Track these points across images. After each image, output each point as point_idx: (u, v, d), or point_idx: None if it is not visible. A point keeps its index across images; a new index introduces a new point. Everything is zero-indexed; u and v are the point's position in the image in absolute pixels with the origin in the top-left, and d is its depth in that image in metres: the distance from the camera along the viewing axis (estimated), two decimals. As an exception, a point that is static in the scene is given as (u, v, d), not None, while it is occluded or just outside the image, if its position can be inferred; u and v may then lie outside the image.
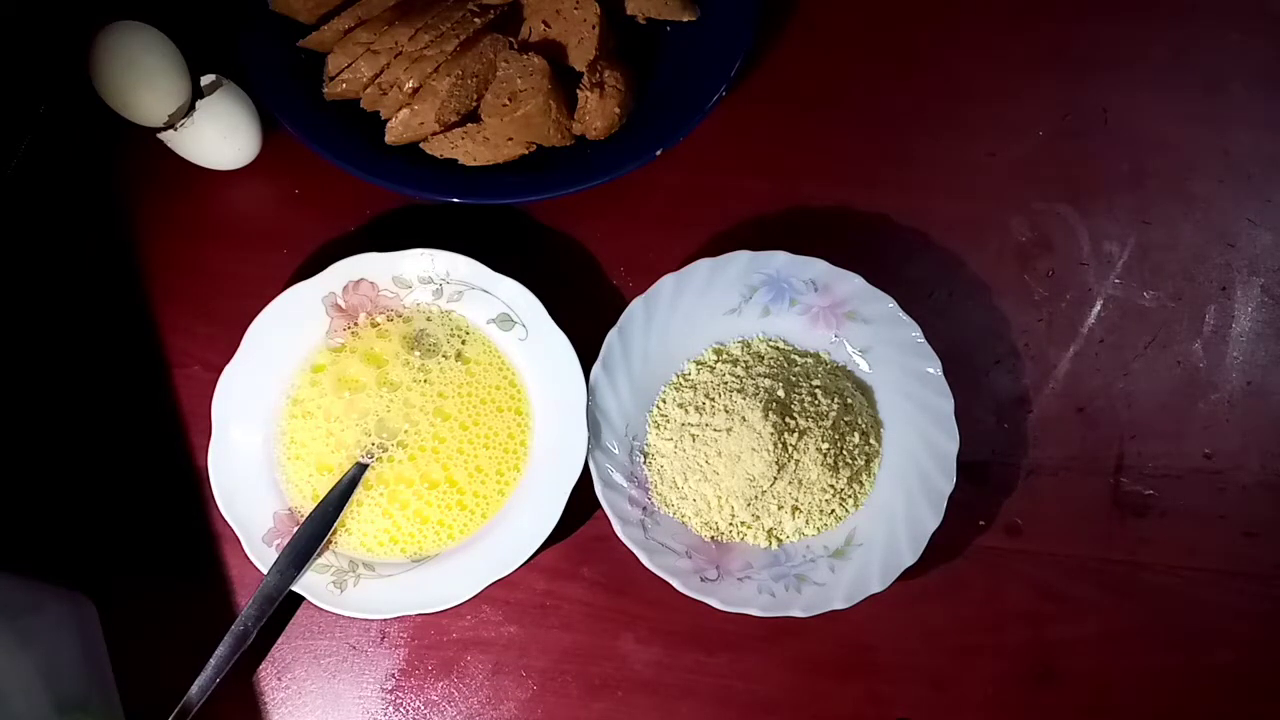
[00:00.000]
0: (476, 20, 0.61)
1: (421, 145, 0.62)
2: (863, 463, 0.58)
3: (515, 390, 0.59)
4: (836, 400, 0.58)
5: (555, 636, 0.58)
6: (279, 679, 0.57)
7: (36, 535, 0.58)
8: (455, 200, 0.59)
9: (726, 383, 0.58)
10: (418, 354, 0.59)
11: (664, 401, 0.59)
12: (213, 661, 0.54)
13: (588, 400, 0.57)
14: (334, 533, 0.56)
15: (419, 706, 0.57)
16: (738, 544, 0.57)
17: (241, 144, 0.62)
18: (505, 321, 0.59)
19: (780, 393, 0.57)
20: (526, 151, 0.61)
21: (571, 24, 0.61)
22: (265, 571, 0.55)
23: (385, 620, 0.57)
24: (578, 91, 0.61)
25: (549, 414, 0.58)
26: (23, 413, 0.60)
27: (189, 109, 0.60)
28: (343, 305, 0.59)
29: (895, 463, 0.58)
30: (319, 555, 0.56)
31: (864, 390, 0.60)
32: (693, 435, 0.57)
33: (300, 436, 0.58)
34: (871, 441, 0.58)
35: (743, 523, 0.57)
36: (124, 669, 0.55)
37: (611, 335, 0.58)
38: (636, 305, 0.58)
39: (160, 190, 0.64)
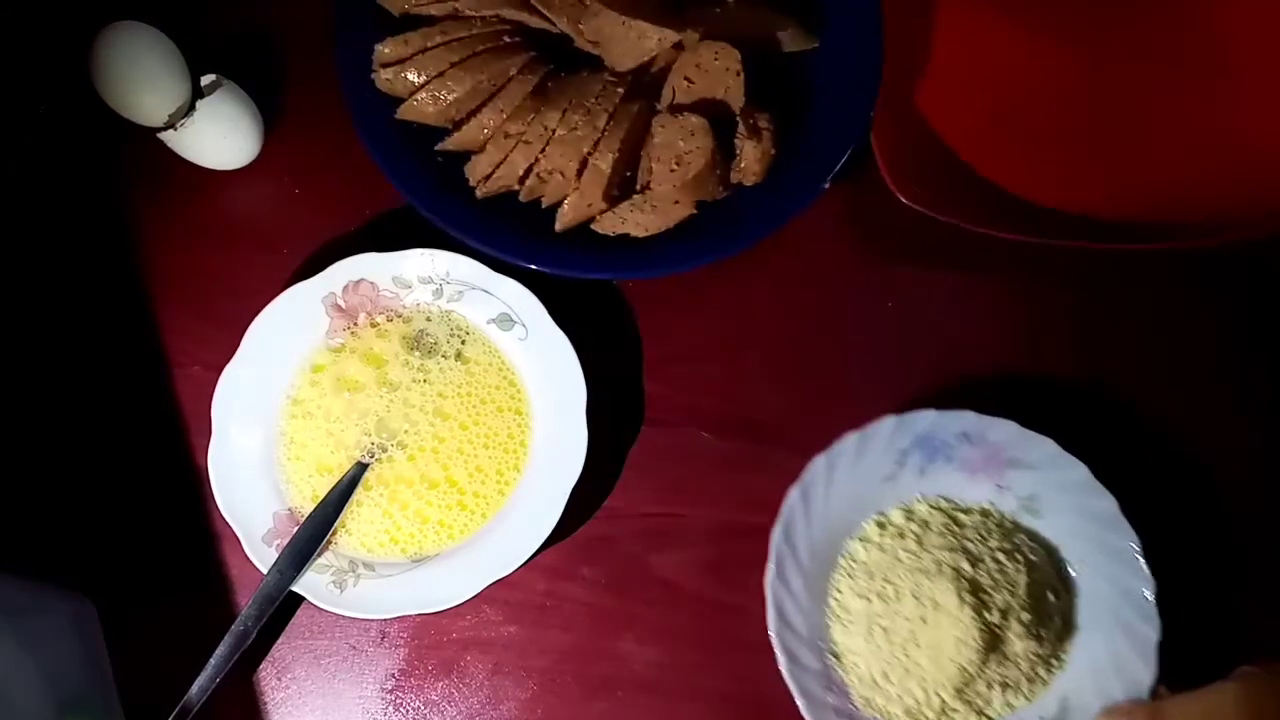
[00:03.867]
0: (619, 90, 0.60)
1: (592, 226, 0.61)
2: (1060, 621, 0.56)
3: (515, 390, 0.59)
4: (1022, 561, 0.56)
5: (555, 636, 0.58)
6: (279, 679, 0.57)
7: (36, 536, 0.58)
8: (653, 276, 0.60)
9: (902, 560, 0.56)
10: (417, 354, 0.59)
11: (839, 592, 0.57)
12: (213, 661, 0.54)
13: (776, 621, 0.55)
14: (334, 533, 0.56)
15: (419, 706, 0.57)
16: None
17: (241, 144, 0.62)
18: (505, 321, 0.59)
19: (965, 566, 0.55)
20: (694, 212, 0.60)
21: (714, 74, 0.60)
22: (265, 571, 0.55)
23: (385, 620, 0.58)
24: (735, 141, 0.60)
25: (549, 414, 0.58)
26: (23, 413, 0.60)
27: (189, 109, 0.60)
28: (343, 305, 0.59)
29: (1091, 615, 0.56)
30: (319, 555, 0.56)
31: (1039, 540, 0.58)
32: (883, 627, 0.55)
33: (300, 437, 0.58)
34: (1063, 595, 0.57)
35: (954, 710, 0.55)
36: (124, 669, 0.55)
37: (777, 536, 0.55)
38: (793, 496, 0.56)
39: (160, 190, 0.64)
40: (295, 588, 0.55)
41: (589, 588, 0.59)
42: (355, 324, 0.59)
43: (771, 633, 0.54)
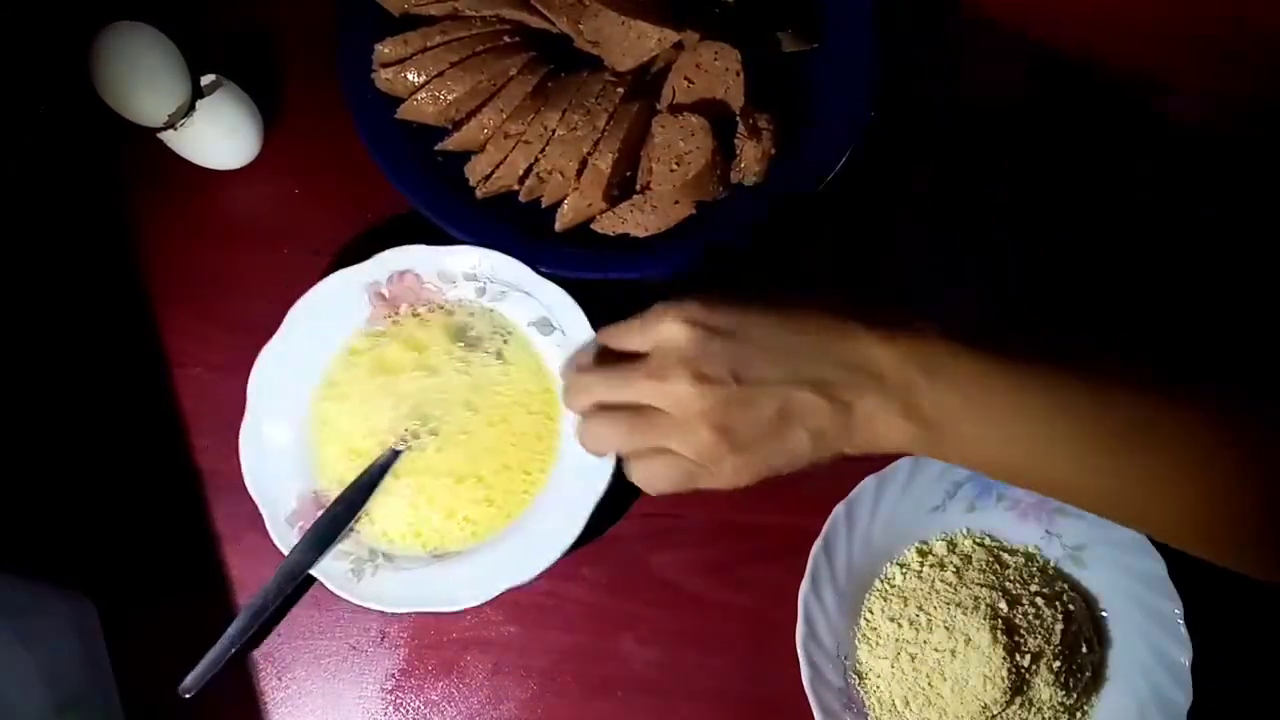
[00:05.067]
0: (619, 90, 0.60)
1: (592, 226, 0.61)
2: (1089, 674, 0.56)
3: (549, 395, 0.58)
4: (1060, 609, 0.55)
5: (555, 636, 0.58)
6: (279, 679, 0.57)
7: (36, 535, 0.58)
8: (653, 276, 0.59)
9: (938, 591, 0.56)
10: (461, 345, 0.58)
11: (871, 613, 0.57)
12: (229, 633, 0.54)
13: (804, 633, 0.55)
14: (358, 519, 0.56)
15: (419, 706, 0.57)
16: None
17: (241, 144, 0.62)
18: (545, 325, 0.58)
19: (1002, 605, 0.55)
20: (694, 212, 0.60)
21: (714, 75, 0.60)
22: (286, 552, 0.55)
23: (386, 619, 0.57)
24: (735, 141, 0.60)
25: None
26: (23, 413, 0.60)
27: (189, 109, 0.60)
28: (386, 294, 0.58)
29: (1122, 672, 0.56)
30: (340, 540, 0.55)
31: (1080, 590, 0.57)
32: (910, 655, 0.55)
33: (333, 419, 0.58)
34: (1097, 648, 0.56)
35: None
36: (124, 669, 0.55)
37: (817, 549, 0.55)
38: (839, 512, 0.56)
39: (160, 190, 0.64)
40: (314, 571, 0.55)
41: (589, 588, 0.59)
42: (397, 313, 0.59)
43: (799, 644, 0.54)
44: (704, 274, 0.59)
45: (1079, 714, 0.56)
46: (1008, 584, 0.56)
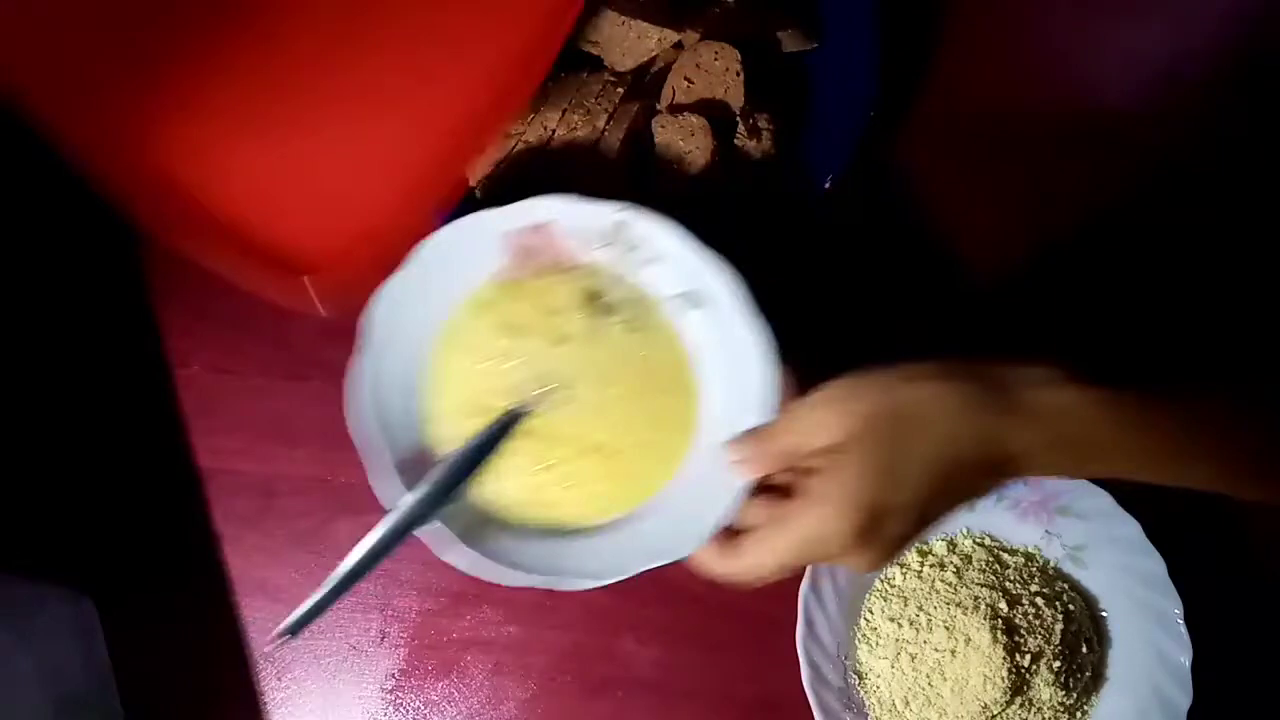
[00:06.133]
0: (619, 90, 0.60)
1: None
2: (1089, 675, 0.56)
3: (687, 372, 0.53)
4: (1060, 609, 0.55)
5: (555, 636, 0.58)
6: (279, 679, 0.57)
7: (36, 535, 0.58)
8: None
9: (938, 591, 0.56)
10: (593, 312, 0.53)
11: (871, 613, 0.57)
12: (330, 583, 0.48)
13: (804, 633, 0.54)
14: (471, 482, 0.51)
15: (419, 706, 0.57)
16: None
17: (242, 144, 0.62)
18: (691, 299, 0.53)
19: (1002, 606, 0.55)
20: None
21: (714, 74, 0.60)
22: (386, 507, 0.50)
23: (386, 619, 0.57)
24: (735, 140, 0.60)
25: (720, 406, 0.52)
26: (23, 413, 0.60)
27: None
28: (522, 246, 0.53)
29: (1122, 672, 0.56)
30: (452, 501, 0.50)
31: (1080, 590, 0.57)
32: (910, 655, 0.55)
33: (452, 371, 0.53)
34: (1097, 648, 0.57)
35: None
36: (124, 669, 0.55)
37: None
38: None
39: (160, 190, 0.64)
40: (419, 533, 0.50)
41: (589, 587, 0.59)
42: (532, 267, 0.54)
43: (799, 644, 0.54)
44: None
45: (1079, 714, 0.56)
46: (1008, 584, 0.56)
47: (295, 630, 0.47)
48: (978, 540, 0.58)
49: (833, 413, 0.45)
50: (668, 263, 0.52)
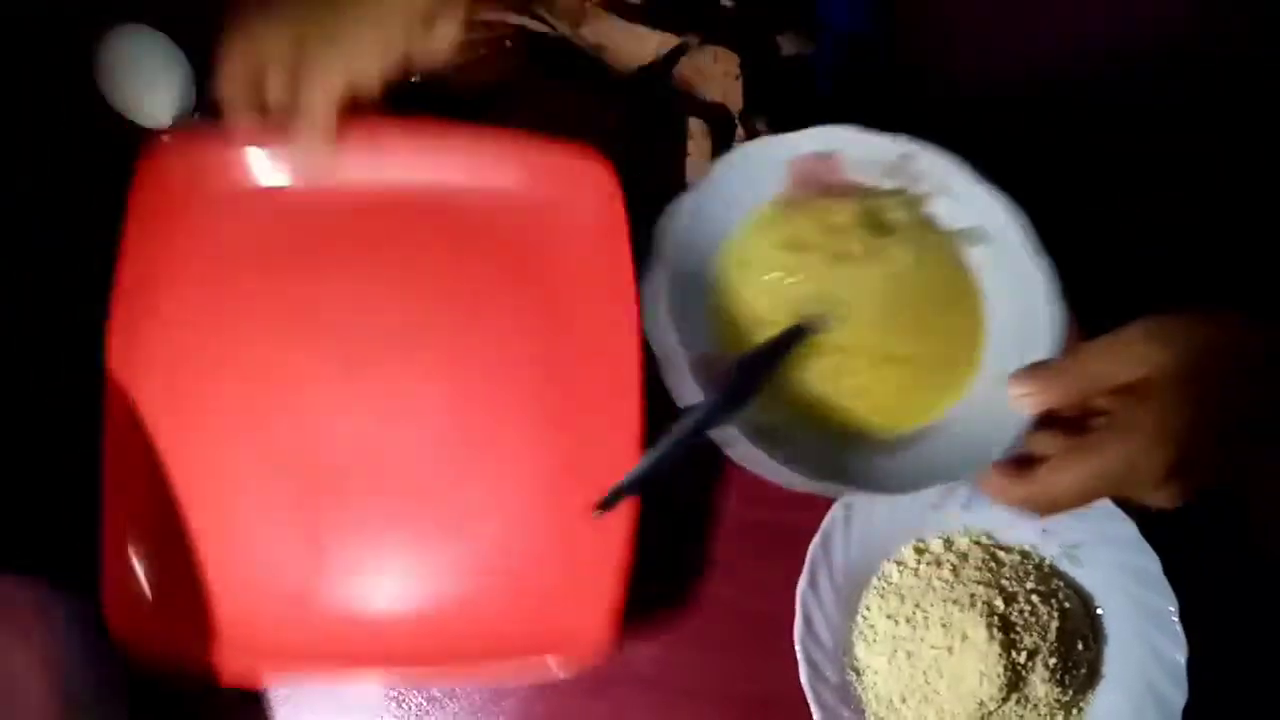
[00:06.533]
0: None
1: None
2: (1085, 671, 0.56)
3: (977, 301, 0.54)
4: (1056, 606, 0.56)
5: (555, 635, 0.58)
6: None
7: (36, 535, 0.58)
8: None
9: (935, 589, 0.56)
10: (874, 233, 0.54)
11: (868, 610, 0.57)
12: (634, 473, 0.50)
13: (802, 631, 0.55)
14: (761, 387, 0.52)
15: (421, 703, 0.57)
16: None
17: (243, 145, 0.62)
18: (975, 235, 0.54)
19: (999, 603, 0.55)
20: None
21: (713, 78, 0.61)
22: (680, 405, 0.52)
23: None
24: (735, 144, 0.61)
25: (1005, 340, 0.53)
26: (23, 413, 0.60)
27: (194, 112, 0.60)
28: (805, 171, 0.55)
29: (1118, 669, 0.57)
30: (742, 405, 0.51)
31: (1075, 588, 0.58)
32: (907, 652, 0.55)
33: (737, 285, 0.54)
34: (1092, 645, 0.57)
35: None
36: (124, 669, 0.55)
37: (815, 547, 0.55)
38: (837, 511, 0.56)
39: (162, 192, 0.64)
40: (714, 435, 0.51)
41: (589, 586, 0.59)
42: (814, 191, 0.55)
43: (797, 641, 0.55)
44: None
45: (1075, 711, 0.57)
46: (1004, 581, 0.57)
47: (603, 509, 0.49)
48: (974, 538, 0.59)
49: (1144, 348, 0.46)
50: (952, 197, 0.54)
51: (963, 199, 0.54)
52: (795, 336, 0.53)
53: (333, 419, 0.55)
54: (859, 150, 0.54)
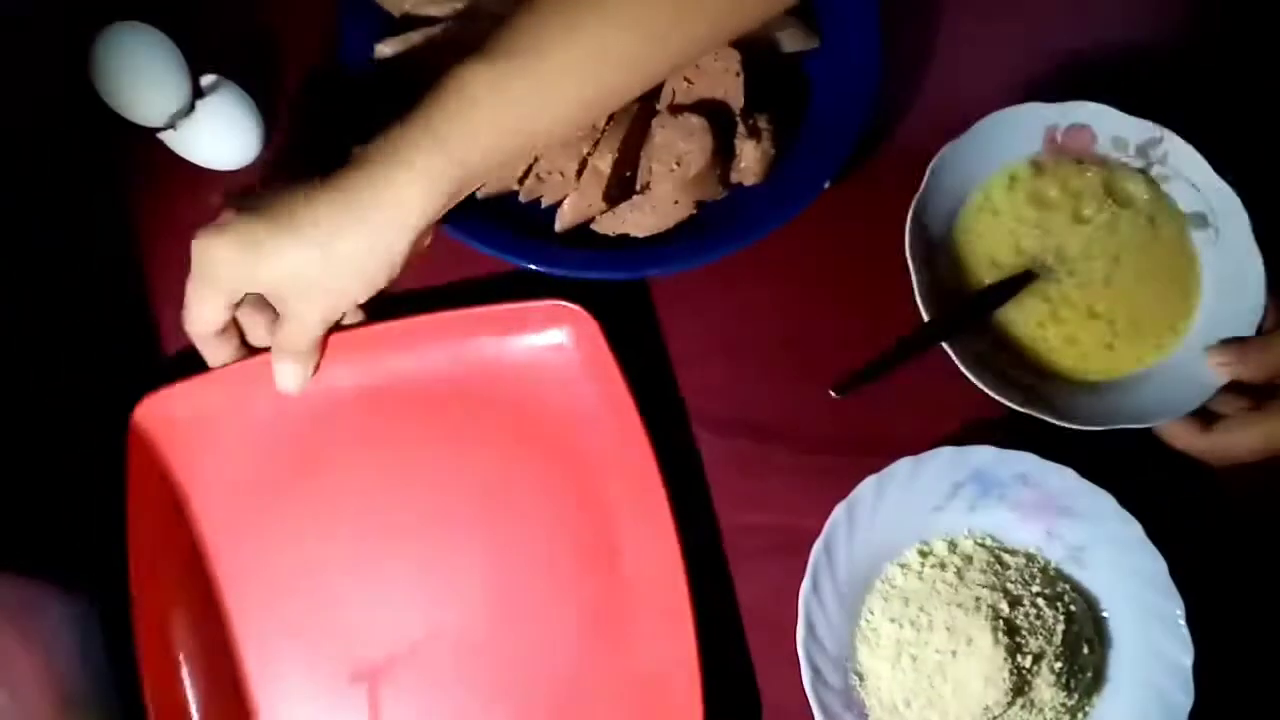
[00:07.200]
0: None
1: (592, 226, 0.61)
2: (1091, 675, 0.56)
3: (1191, 277, 0.61)
4: (1061, 610, 0.55)
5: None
6: (279, 679, 0.57)
7: (36, 535, 0.58)
8: (653, 275, 0.60)
9: (939, 592, 0.56)
10: (1114, 202, 0.61)
11: (871, 613, 0.56)
12: (877, 362, 0.58)
13: (805, 634, 0.55)
14: (989, 315, 0.60)
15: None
16: None
17: (241, 144, 0.62)
18: (1200, 220, 0.61)
19: (1004, 606, 0.55)
20: (695, 212, 0.61)
21: (713, 75, 0.60)
22: (925, 316, 0.57)
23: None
24: (735, 141, 0.60)
25: (1211, 316, 0.60)
26: (23, 413, 0.60)
27: (189, 109, 0.60)
28: (1058, 139, 0.62)
29: (1124, 673, 0.56)
30: (971, 328, 0.59)
31: (1081, 591, 0.58)
32: (911, 655, 0.55)
33: (980, 230, 0.61)
34: (1098, 649, 0.56)
35: None
36: (124, 669, 0.55)
37: (817, 550, 0.55)
38: (839, 512, 0.56)
39: (160, 190, 0.64)
40: (946, 346, 0.57)
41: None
42: (1063, 157, 0.62)
43: (799, 645, 0.54)
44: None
45: (1080, 715, 0.56)
46: (1009, 585, 0.56)
47: (842, 391, 0.57)
48: (979, 541, 0.58)
49: None
50: (1190, 183, 0.61)
51: (1199, 185, 0.60)
52: (1023, 281, 0.60)
53: (375, 613, 0.57)
54: (1112, 126, 0.61)
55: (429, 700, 0.56)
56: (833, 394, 0.57)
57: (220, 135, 0.61)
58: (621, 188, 0.61)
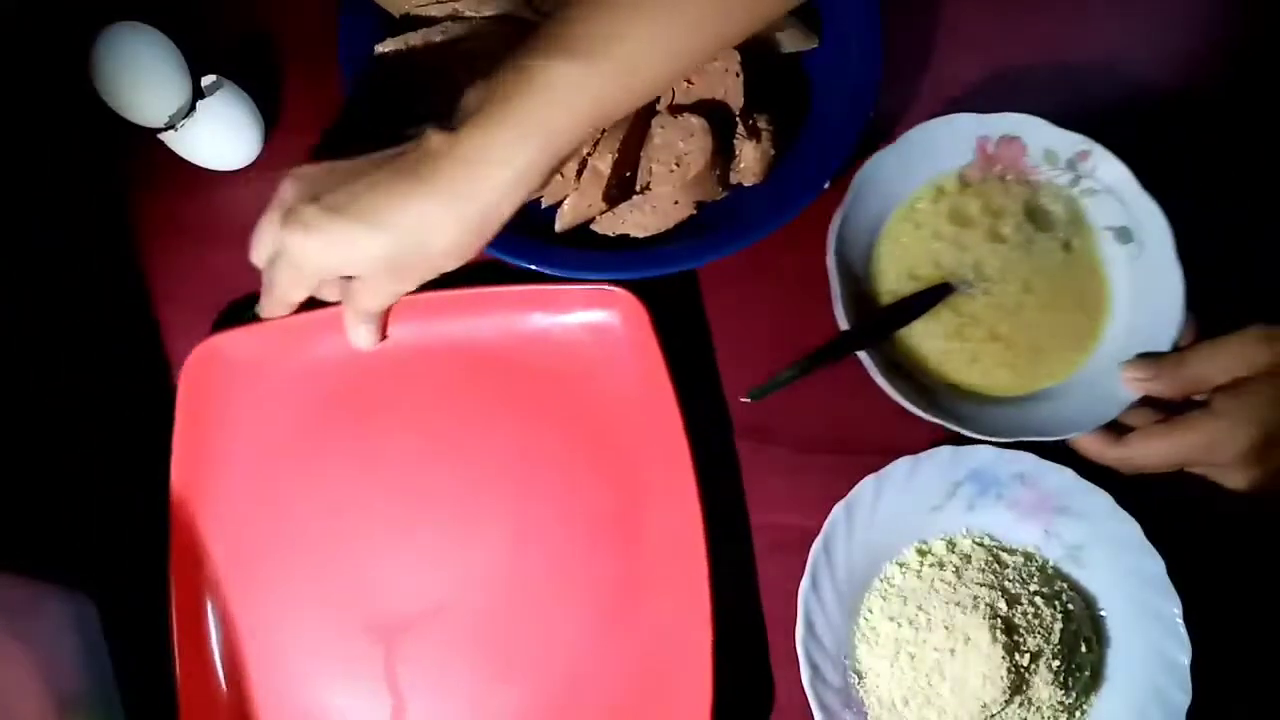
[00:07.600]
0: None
1: (592, 226, 0.61)
2: (1089, 674, 0.56)
3: (1100, 300, 0.61)
4: (1059, 609, 0.56)
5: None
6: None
7: (36, 535, 0.58)
8: (653, 276, 0.60)
9: (938, 590, 0.56)
10: (1031, 222, 0.61)
11: (870, 612, 0.57)
12: (790, 370, 0.58)
13: (804, 633, 0.55)
14: (900, 327, 0.60)
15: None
16: None
17: (242, 144, 0.62)
18: (1123, 234, 0.60)
19: (1001, 605, 0.55)
20: (693, 212, 0.61)
21: (713, 76, 0.61)
22: (841, 326, 0.58)
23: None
24: (735, 141, 0.61)
25: (1121, 336, 0.60)
26: (23, 413, 0.60)
27: (189, 109, 0.60)
28: (989, 151, 0.61)
29: (1121, 672, 0.56)
30: (883, 338, 0.59)
31: (1079, 590, 0.58)
32: (910, 654, 0.55)
33: (903, 239, 0.62)
34: (1096, 648, 0.57)
35: None
36: (124, 669, 0.55)
37: (816, 549, 0.55)
38: (839, 512, 0.56)
39: (160, 190, 0.64)
40: (861, 355, 0.57)
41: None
42: (990, 172, 0.62)
43: (798, 643, 0.54)
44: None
45: (1078, 713, 0.56)
46: (1007, 583, 0.56)
47: (757, 397, 0.58)
48: (977, 540, 0.59)
49: (1249, 351, 0.54)
50: (1112, 197, 0.61)
51: (1122, 201, 0.60)
52: (939, 294, 0.60)
53: (399, 573, 0.57)
54: (1040, 138, 0.61)
55: (444, 664, 0.56)
56: (745, 400, 0.58)
57: (220, 135, 0.61)
58: (621, 188, 0.61)
